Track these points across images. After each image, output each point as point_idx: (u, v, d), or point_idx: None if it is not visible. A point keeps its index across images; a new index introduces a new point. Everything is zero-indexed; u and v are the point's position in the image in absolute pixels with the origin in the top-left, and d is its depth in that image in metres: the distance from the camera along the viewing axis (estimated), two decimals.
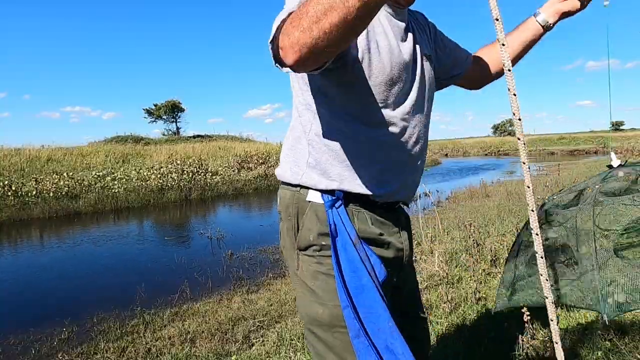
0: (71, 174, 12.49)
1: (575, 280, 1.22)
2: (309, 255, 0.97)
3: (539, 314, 2.32)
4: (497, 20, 0.75)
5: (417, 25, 1.08)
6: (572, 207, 1.36)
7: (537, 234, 0.83)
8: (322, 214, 0.96)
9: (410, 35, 1.01)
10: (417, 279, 1.34)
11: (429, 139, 1.10)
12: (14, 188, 10.66)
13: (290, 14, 0.73)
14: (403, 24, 1.00)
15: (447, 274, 3.18)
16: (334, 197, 0.96)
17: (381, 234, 0.99)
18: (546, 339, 2.08)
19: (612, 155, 1.40)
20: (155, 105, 36.62)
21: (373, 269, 0.92)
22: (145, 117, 37.12)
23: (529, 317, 2.07)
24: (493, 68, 1.24)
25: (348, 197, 0.97)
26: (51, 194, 10.79)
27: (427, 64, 1.04)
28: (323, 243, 0.95)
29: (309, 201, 0.98)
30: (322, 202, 0.97)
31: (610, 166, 1.38)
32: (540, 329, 2.21)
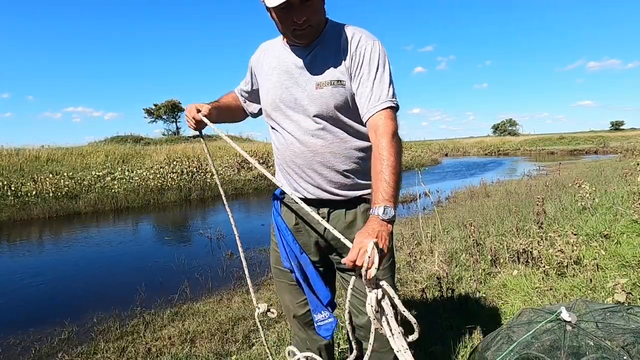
0: (71, 174, 12.48)
1: None
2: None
3: None
4: None
5: (328, 53, 1.26)
6: None
7: None
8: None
9: (307, 65, 1.27)
10: (417, 278, 1.46)
11: (350, 145, 1.33)
12: (13, 188, 10.65)
13: None
14: (299, 60, 1.28)
15: (447, 273, 3.17)
16: (277, 193, 1.50)
17: (297, 224, 1.42)
18: None
19: (564, 309, 1.32)
20: (156, 105, 36.63)
21: (287, 238, 1.42)
22: (145, 117, 37.18)
23: None
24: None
25: (284, 194, 1.47)
26: (51, 194, 10.77)
27: (323, 90, 1.24)
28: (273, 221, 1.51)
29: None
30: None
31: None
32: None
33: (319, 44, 1.27)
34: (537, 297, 2.68)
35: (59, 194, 10.91)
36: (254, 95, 1.55)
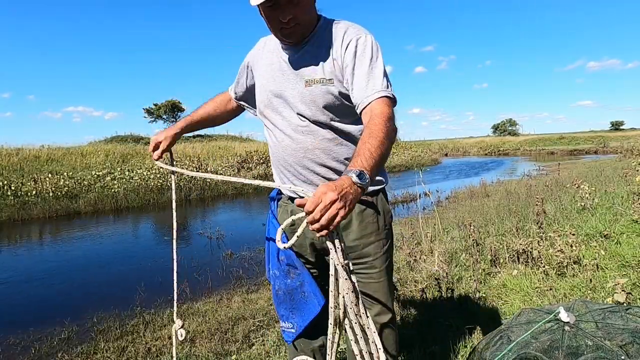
0: (71, 173, 12.48)
1: None
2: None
3: None
4: None
5: (319, 50, 1.25)
6: None
7: None
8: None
9: (297, 63, 1.27)
10: (417, 278, 1.47)
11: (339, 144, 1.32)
12: (13, 188, 10.65)
13: None
14: (290, 58, 1.29)
15: (447, 273, 3.17)
16: (272, 195, 1.50)
17: (292, 224, 1.29)
18: None
19: (562, 310, 1.32)
20: (156, 105, 36.65)
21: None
22: (145, 117, 37.21)
23: None
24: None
25: (281, 194, 1.48)
26: (51, 194, 10.77)
27: (312, 88, 1.24)
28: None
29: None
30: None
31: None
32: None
33: (309, 42, 1.26)
34: (537, 297, 2.68)
35: (59, 193, 10.91)
36: (252, 93, 1.48)
